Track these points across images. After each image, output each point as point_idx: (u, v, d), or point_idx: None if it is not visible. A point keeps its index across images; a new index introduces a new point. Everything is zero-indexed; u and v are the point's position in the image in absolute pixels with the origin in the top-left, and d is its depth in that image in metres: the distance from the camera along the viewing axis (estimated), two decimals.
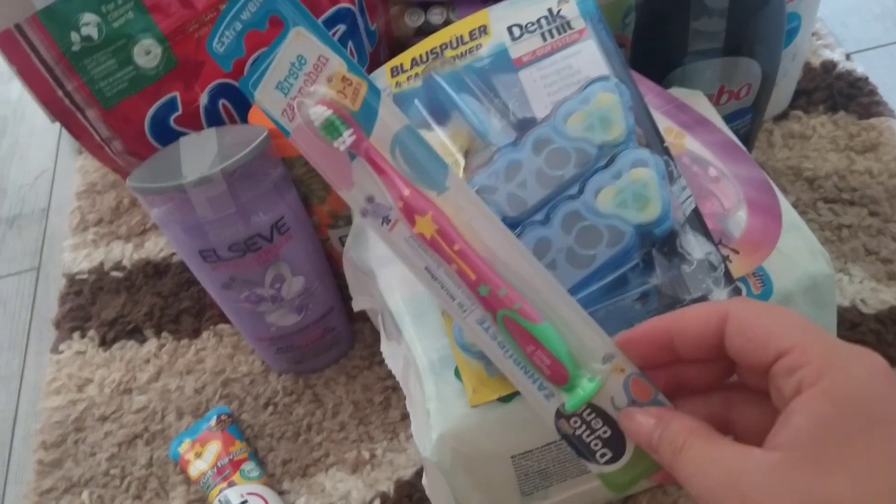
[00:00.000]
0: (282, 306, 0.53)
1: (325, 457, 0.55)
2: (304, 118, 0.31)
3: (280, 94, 0.31)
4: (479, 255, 0.31)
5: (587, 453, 0.31)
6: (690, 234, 0.38)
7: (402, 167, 0.31)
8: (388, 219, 0.31)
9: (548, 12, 0.44)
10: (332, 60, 0.31)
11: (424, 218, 0.31)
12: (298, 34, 0.31)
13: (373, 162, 0.31)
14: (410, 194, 0.31)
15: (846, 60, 0.73)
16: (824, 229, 0.61)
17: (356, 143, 0.31)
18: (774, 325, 0.26)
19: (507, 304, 0.31)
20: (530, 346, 0.31)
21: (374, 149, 0.31)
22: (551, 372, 0.31)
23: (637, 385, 0.30)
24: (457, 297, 0.31)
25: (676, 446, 0.26)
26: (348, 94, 0.31)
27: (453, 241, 0.31)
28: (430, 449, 0.39)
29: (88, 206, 0.77)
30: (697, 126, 0.44)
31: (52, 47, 0.43)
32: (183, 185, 0.44)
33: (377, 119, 0.31)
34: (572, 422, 0.31)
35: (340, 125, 0.31)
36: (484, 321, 0.31)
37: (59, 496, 0.57)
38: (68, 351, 0.65)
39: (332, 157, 0.31)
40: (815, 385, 0.24)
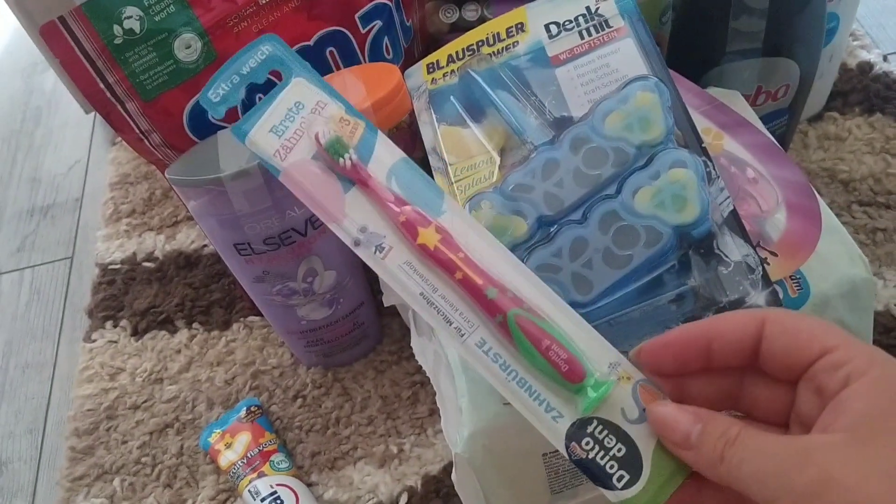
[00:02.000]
0: (313, 300, 0.54)
1: (353, 450, 0.56)
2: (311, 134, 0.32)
3: (274, 136, 0.32)
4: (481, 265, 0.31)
5: (604, 479, 0.30)
6: (728, 235, 0.38)
7: (399, 193, 0.32)
8: (382, 247, 0.31)
9: (586, 10, 0.44)
10: (330, 105, 0.32)
11: (427, 229, 0.31)
12: (299, 84, 0.32)
13: (370, 186, 0.32)
14: (412, 209, 0.31)
15: (883, 62, 0.72)
16: (859, 233, 0.61)
17: (355, 170, 0.32)
18: (815, 327, 0.27)
19: (519, 303, 0.31)
20: (546, 341, 0.30)
21: (371, 175, 0.32)
22: (569, 367, 0.30)
23: (645, 392, 0.30)
24: (454, 322, 0.31)
25: (730, 437, 0.26)
26: (346, 132, 0.32)
27: (457, 250, 0.31)
28: (461, 445, 0.39)
29: (121, 197, 0.78)
30: (736, 127, 0.44)
31: (95, 40, 0.44)
32: (220, 178, 0.44)
33: (374, 153, 0.32)
34: (584, 444, 0.30)
35: (346, 144, 0.32)
36: (483, 343, 0.31)
37: (90, 483, 0.58)
38: (101, 340, 0.66)
39: (326, 190, 0.32)
40: (865, 375, 0.25)
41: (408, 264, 0.31)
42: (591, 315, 0.37)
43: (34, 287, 0.75)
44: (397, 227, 0.31)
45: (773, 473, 0.24)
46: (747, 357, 0.28)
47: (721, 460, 0.26)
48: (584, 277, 0.37)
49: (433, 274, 0.31)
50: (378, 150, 0.32)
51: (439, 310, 0.31)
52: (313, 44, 0.50)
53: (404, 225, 0.31)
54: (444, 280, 0.31)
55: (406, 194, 0.32)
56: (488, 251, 0.32)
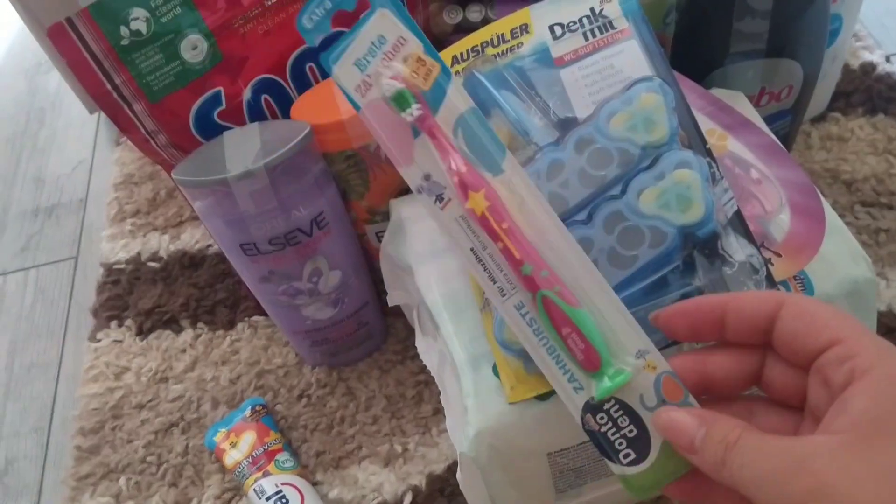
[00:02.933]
0: (318, 300, 0.54)
1: (358, 449, 0.56)
2: (379, 87, 0.32)
3: (357, 70, 0.32)
4: (525, 236, 0.32)
5: (611, 452, 0.31)
6: (732, 236, 0.38)
7: (463, 147, 0.32)
8: (442, 197, 0.32)
9: (590, 11, 0.44)
10: (410, 42, 0.32)
11: (478, 194, 0.32)
12: (383, 15, 0.32)
13: (435, 138, 0.32)
14: (467, 170, 0.32)
15: (886, 63, 0.72)
16: (861, 233, 0.61)
17: (422, 119, 0.32)
18: (829, 315, 0.27)
19: (548, 286, 0.31)
20: (566, 328, 0.31)
21: (438, 126, 0.32)
22: (584, 356, 0.31)
23: (668, 384, 0.30)
24: (498, 281, 0.32)
25: (730, 440, 0.26)
26: (421, 73, 0.32)
27: (502, 220, 0.32)
28: (466, 445, 0.39)
29: (126, 197, 0.78)
30: (740, 128, 0.44)
31: (102, 41, 0.44)
32: (226, 178, 0.45)
33: (445, 100, 0.32)
34: (599, 418, 0.31)
35: (410, 97, 0.32)
36: (522, 306, 0.32)
37: (96, 482, 0.58)
38: (106, 339, 0.66)
39: (397, 134, 0.32)
40: (869, 372, 0.25)
41: (462, 218, 0.32)
42: None
43: (39, 287, 0.75)
44: (452, 184, 0.32)
45: (771, 479, 0.24)
46: (760, 335, 0.29)
47: (723, 465, 0.26)
48: None
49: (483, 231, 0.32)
50: (450, 96, 0.32)
51: (486, 267, 0.32)
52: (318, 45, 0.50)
53: (458, 185, 0.32)
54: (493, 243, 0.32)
55: (469, 149, 0.32)
56: (540, 219, 0.32)
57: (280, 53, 0.49)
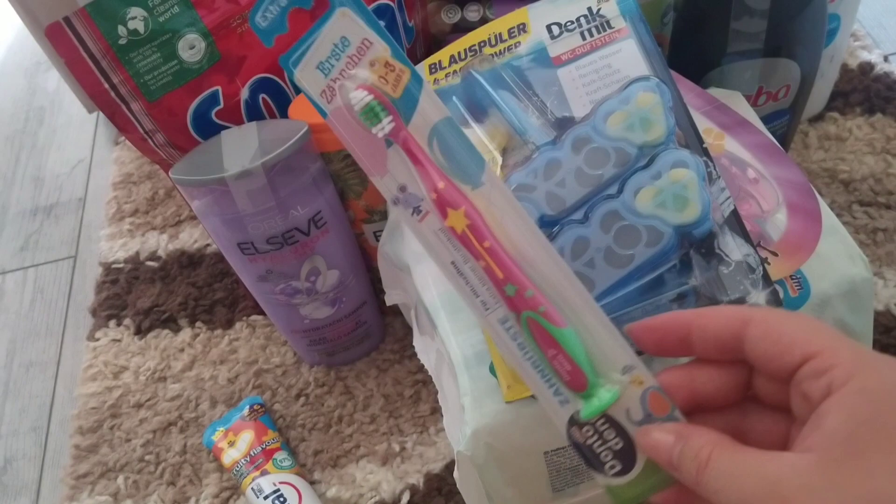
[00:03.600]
0: (316, 299, 0.54)
1: (356, 448, 0.56)
2: (345, 101, 0.30)
3: (320, 74, 0.30)
4: (508, 254, 0.31)
5: (596, 464, 0.30)
6: (729, 235, 0.38)
7: (439, 159, 0.31)
8: (419, 209, 0.31)
9: (587, 11, 0.44)
10: (376, 45, 0.30)
11: (457, 212, 0.30)
12: (344, 15, 0.30)
13: (409, 151, 0.30)
14: (445, 187, 0.30)
15: (884, 62, 0.72)
16: (859, 232, 0.61)
17: (394, 131, 0.30)
18: (799, 329, 0.26)
19: (533, 306, 0.30)
20: (552, 350, 0.30)
21: (412, 138, 0.30)
22: (571, 378, 0.30)
23: (655, 399, 0.30)
24: (480, 295, 0.31)
25: (701, 460, 0.26)
26: (390, 80, 0.30)
27: (483, 238, 0.30)
28: (463, 443, 0.39)
29: (124, 197, 0.78)
30: (737, 127, 0.44)
31: (100, 40, 0.44)
32: (224, 178, 0.45)
33: (417, 108, 0.30)
34: (584, 431, 0.30)
35: (381, 111, 0.30)
36: (506, 321, 0.31)
37: (94, 480, 0.58)
38: (104, 338, 0.66)
39: (369, 143, 0.30)
40: (846, 385, 0.24)
41: (442, 231, 0.31)
42: None
43: (38, 286, 0.75)
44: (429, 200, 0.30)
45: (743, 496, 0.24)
46: (729, 353, 0.28)
47: (698, 476, 0.26)
48: (585, 277, 0.38)
49: None
50: (422, 104, 0.30)
51: (468, 281, 0.31)
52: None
53: (436, 203, 0.30)
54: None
55: (446, 161, 0.30)
56: (523, 234, 0.31)
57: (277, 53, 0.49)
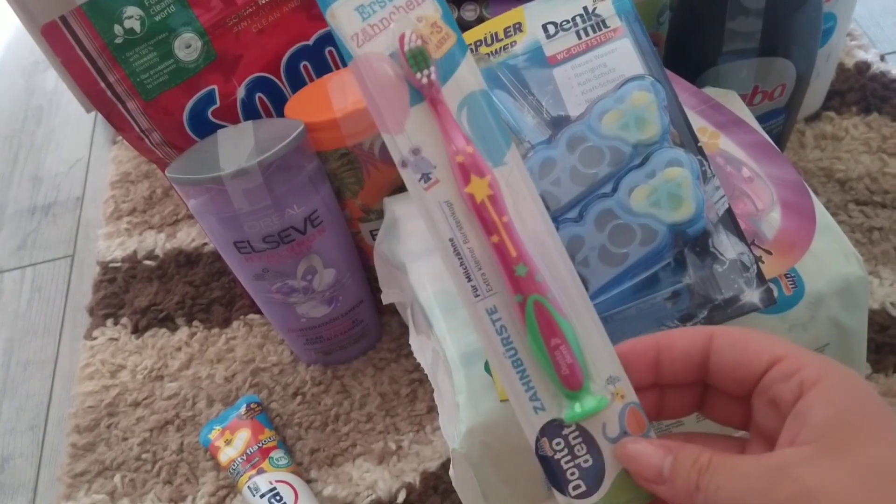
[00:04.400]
0: (312, 298, 0.54)
1: (353, 447, 0.56)
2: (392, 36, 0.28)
3: (358, 16, 0.28)
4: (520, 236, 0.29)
5: (561, 482, 0.29)
6: (723, 233, 0.38)
7: (466, 128, 0.29)
8: (429, 177, 0.29)
9: (583, 10, 0.44)
10: (427, 3, 0.29)
11: (483, 179, 0.29)
12: None
13: (440, 110, 0.29)
14: (473, 152, 0.29)
15: (880, 62, 0.72)
16: (855, 231, 0.61)
17: (431, 88, 0.28)
18: (763, 339, 0.27)
19: (542, 291, 0.29)
20: (556, 339, 0.29)
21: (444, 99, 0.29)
22: (569, 372, 0.29)
23: (633, 416, 0.29)
24: (473, 279, 0.29)
25: (703, 463, 0.26)
26: (434, 39, 0.29)
27: (503, 212, 0.29)
28: (458, 441, 0.39)
29: (122, 196, 0.78)
30: (732, 126, 0.44)
31: (96, 39, 0.44)
32: (220, 176, 0.45)
33: (455, 73, 0.29)
34: (555, 443, 0.29)
35: (430, 58, 0.28)
36: (494, 311, 0.29)
37: (91, 479, 0.58)
38: (102, 337, 0.66)
39: (391, 96, 0.29)
40: (818, 382, 0.25)
41: (448, 204, 0.29)
42: None
43: (35, 285, 0.75)
44: (452, 164, 0.29)
45: (752, 494, 0.24)
46: (696, 371, 0.28)
47: (697, 490, 0.25)
48: (580, 275, 0.37)
49: (470, 224, 0.29)
50: (460, 71, 0.29)
51: (463, 262, 0.29)
52: (312, 43, 0.50)
53: (459, 167, 0.28)
54: (480, 237, 0.29)
55: (473, 131, 0.29)
56: (535, 222, 0.30)
57: (274, 52, 0.49)
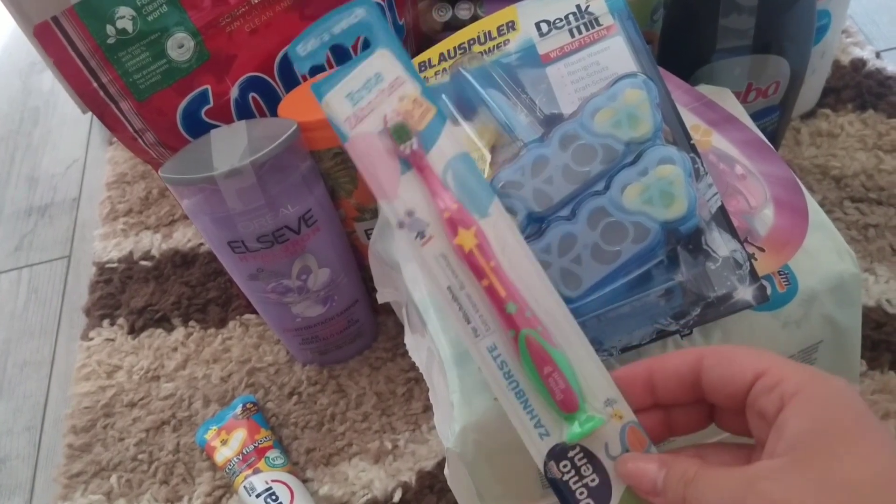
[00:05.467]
0: (307, 297, 0.54)
1: (349, 446, 0.56)
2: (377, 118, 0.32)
3: (349, 102, 0.32)
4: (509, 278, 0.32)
5: (571, 501, 0.31)
6: (716, 231, 0.38)
7: (452, 187, 0.32)
8: (423, 234, 0.32)
9: (576, 8, 0.44)
10: (407, 83, 0.32)
11: (468, 231, 0.32)
12: (383, 55, 0.32)
13: (426, 175, 0.32)
14: (458, 208, 0.32)
15: (876, 59, 0.72)
16: (850, 228, 0.61)
17: (415, 158, 0.32)
18: (748, 354, 0.29)
19: (532, 325, 0.32)
20: (548, 367, 0.31)
21: (429, 164, 0.32)
22: (563, 396, 0.31)
23: (633, 434, 0.31)
24: (472, 321, 0.32)
25: (688, 477, 0.27)
26: (416, 114, 0.32)
27: (490, 258, 0.32)
28: (453, 440, 0.39)
29: (118, 196, 0.78)
30: (725, 123, 0.44)
31: (88, 40, 0.44)
32: (213, 176, 0.45)
33: (437, 141, 0.32)
34: (562, 466, 0.31)
35: (410, 131, 0.32)
36: (494, 349, 0.32)
37: (88, 480, 0.58)
38: (98, 338, 0.66)
39: (384, 168, 0.32)
40: (797, 394, 0.26)
41: (443, 256, 0.32)
42: (580, 310, 0.38)
43: (32, 286, 0.75)
44: (441, 220, 0.32)
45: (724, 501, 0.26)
46: (690, 391, 0.30)
47: (683, 502, 0.27)
48: (573, 273, 0.38)
49: (463, 272, 0.32)
50: (442, 139, 0.33)
51: (461, 306, 0.32)
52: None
53: (447, 221, 0.32)
54: (474, 282, 0.32)
55: (458, 189, 0.32)
56: (522, 263, 0.32)
57: (267, 52, 0.49)
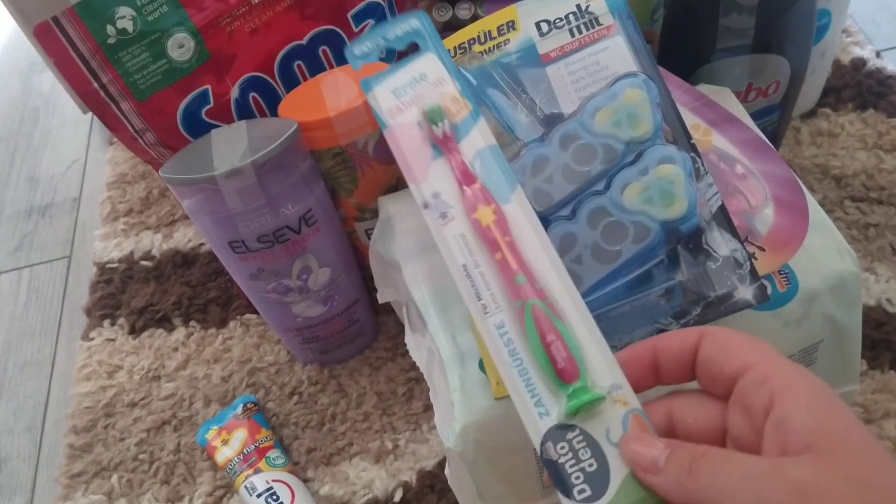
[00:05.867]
0: (308, 297, 0.54)
1: (349, 446, 0.56)
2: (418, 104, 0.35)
3: (393, 97, 0.36)
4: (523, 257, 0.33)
5: (566, 486, 0.30)
6: (716, 230, 0.38)
7: (477, 173, 0.34)
8: (446, 215, 0.34)
9: (576, 8, 0.44)
10: (448, 83, 0.35)
11: (488, 207, 0.33)
12: (430, 59, 0.36)
13: (455, 157, 0.34)
14: (480, 187, 0.34)
15: (876, 58, 0.72)
16: (851, 228, 0.61)
17: (447, 141, 0.34)
18: (743, 341, 0.28)
19: (540, 296, 0.32)
20: (551, 335, 0.31)
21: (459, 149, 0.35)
22: (566, 364, 0.30)
23: (637, 422, 0.30)
24: (483, 298, 0.33)
25: (697, 453, 0.26)
26: (454, 108, 0.35)
27: (506, 234, 0.33)
28: (453, 440, 0.39)
29: (119, 196, 0.78)
30: (725, 123, 0.44)
31: (88, 40, 0.44)
32: (214, 176, 0.45)
33: (470, 133, 0.35)
34: (559, 447, 0.30)
35: (444, 115, 0.35)
36: (502, 325, 0.32)
37: (89, 480, 0.58)
38: (99, 338, 0.66)
39: (417, 153, 0.35)
40: (790, 390, 0.25)
41: (462, 236, 0.33)
42: None
43: (32, 286, 0.75)
44: (462, 197, 0.34)
45: (746, 486, 0.24)
46: (690, 370, 0.29)
47: (689, 474, 0.26)
48: (573, 273, 0.38)
49: (480, 251, 0.33)
50: (473, 133, 0.35)
51: (474, 283, 0.33)
52: (306, 43, 0.50)
53: (468, 198, 0.33)
54: (488, 259, 0.33)
55: (483, 176, 0.34)
56: (538, 249, 0.33)
57: (268, 52, 0.49)
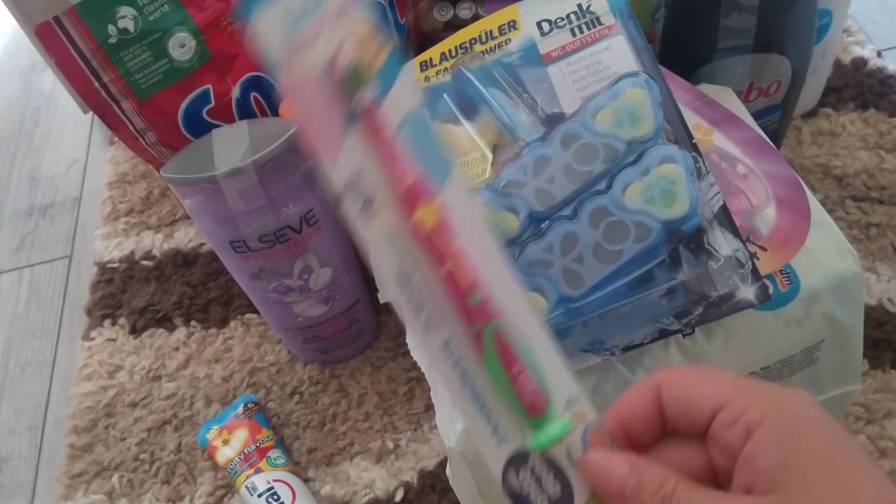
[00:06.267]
0: (309, 297, 0.54)
1: (350, 446, 0.56)
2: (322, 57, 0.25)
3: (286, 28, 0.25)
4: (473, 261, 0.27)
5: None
6: (718, 230, 0.38)
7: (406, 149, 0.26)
8: (370, 204, 0.26)
9: (577, 7, 0.44)
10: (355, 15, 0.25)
11: (431, 205, 0.26)
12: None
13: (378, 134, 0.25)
14: (417, 178, 0.26)
15: (877, 58, 0.72)
16: (852, 227, 0.61)
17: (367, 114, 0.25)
18: (704, 385, 0.26)
19: (499, 316, 0.27)
20: (517, 367, 0.27)
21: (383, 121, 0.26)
22: (532, 400, 0.27)
23: (595, 437, 0.28)
24: (425, 309, 0.27)
25: (666, 493, 0.25)
26: (368, 53, 0.25)
27: (453, 238, 0.26)
28: (454, 440, 0.39)
29: (119, 196, 0.78)
30: (726, 123, 0.44)
31: (90, 39, 0.44)
32: (215, 176, 0.45)
33: (392, 90, 0.26)
34: (521, 477, 0.28)
35: (365, 78, 0.25)
36: (448, 343, 0.27)
37: (89, 480, 0.58)
38: (99, 338, 0.66)
39: (324, 121, 0.25)
40: (763, 423, 0.24)
41: (393, 236, 0.26)
42: (582, 309, 0.38)
43: (33, 286, 0.75)
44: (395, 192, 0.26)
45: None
46: (660, 426, 0.28)
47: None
48: (575, 272, 0.38)
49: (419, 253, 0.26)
50: (397, 87, 0.26)
51: (413, 293, 0.27)
52: None
53: (405, 195, 0.26)
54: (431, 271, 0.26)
55: (414, 151, 0.26)
56: (481, 242, 0.27)
57: None
